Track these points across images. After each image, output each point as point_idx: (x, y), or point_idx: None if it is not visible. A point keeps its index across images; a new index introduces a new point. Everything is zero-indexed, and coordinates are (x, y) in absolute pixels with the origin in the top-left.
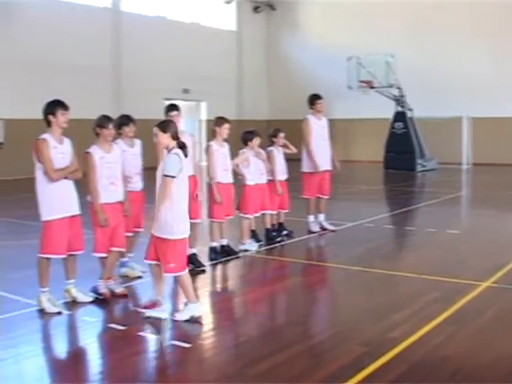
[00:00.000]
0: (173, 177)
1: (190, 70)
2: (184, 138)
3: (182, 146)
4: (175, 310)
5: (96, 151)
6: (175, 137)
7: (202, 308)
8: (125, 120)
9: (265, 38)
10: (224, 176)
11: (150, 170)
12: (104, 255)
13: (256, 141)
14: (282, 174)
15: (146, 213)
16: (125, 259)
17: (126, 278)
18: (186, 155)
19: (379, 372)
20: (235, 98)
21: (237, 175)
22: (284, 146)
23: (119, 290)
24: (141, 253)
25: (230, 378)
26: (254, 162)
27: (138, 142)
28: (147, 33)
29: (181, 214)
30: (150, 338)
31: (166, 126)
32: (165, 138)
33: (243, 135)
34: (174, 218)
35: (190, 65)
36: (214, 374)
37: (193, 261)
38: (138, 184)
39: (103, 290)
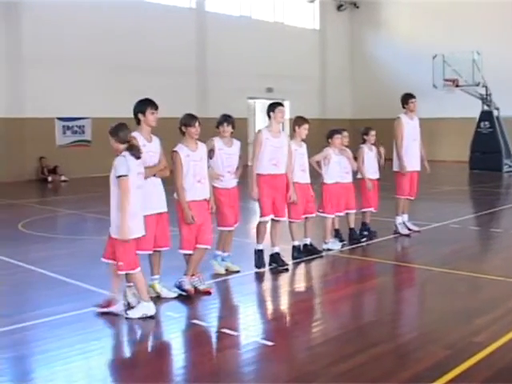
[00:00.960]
0: (125, 175)
1: (273, 69)
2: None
3: (132, 149)
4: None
5: (182, 149)
6: (123, 141)
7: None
8: (221, 119)
9: (348, 36)
10: (301, 176)
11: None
12: (190, 252)
13: (337, 139)
14: (372, 172)
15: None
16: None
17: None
18: (137, 157)
19: (463, 376)
20: (318, 96)
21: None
22: (378, 152)
23: (203, 286)
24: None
25: (313, 377)
26: (337, 161)
27: (236, 143)
28: (231, 32)
29: (130, 213)
30: (232, 335)
31: (113, 130)
32: (113, 143)
33: (327, 133)
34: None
35: (274, 64)
36: (297, 372)
37: (275, 259)
38: (230, 182)
39: (187, 286)
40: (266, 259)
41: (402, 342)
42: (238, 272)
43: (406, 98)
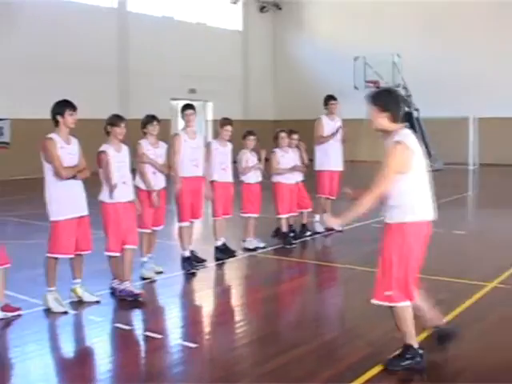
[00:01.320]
0: None
1: (196, 70)
2: (198, 139)
3: None
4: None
5: (109, 149)
6: None
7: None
8: (148, 119)
9: (271, 37)
10: (222, 175)
11: None
12: (116, 254)
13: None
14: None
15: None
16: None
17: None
18: None
19: (386, 372)
20: (241, 98)
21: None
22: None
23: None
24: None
25: (237, 377)
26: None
27: (162, 144)
28: (154, 33)
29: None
30: (156, 338)
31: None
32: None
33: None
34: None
35: (197, 65)
36: (220, 373)
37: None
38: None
39: (137, 290)
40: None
41: (325, 341)
42: (161, 273)
43: (327, 100)
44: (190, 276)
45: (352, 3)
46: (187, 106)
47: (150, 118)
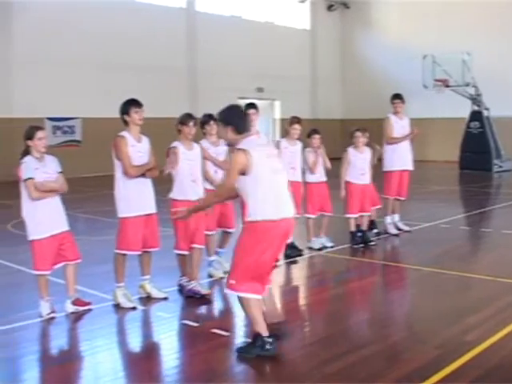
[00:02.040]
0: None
1: (264, 69)
2: (260, 139)
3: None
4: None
5: (179, 146)
6: None
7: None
8: (206, 119)
9: (339, 36)
10: (292, 174)
11: None
12: (185, 252)
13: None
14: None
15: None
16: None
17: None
18: None
19: (453, 375)
20: (309, 96)
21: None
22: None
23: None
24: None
25: (302, 377)
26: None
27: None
28: (222, 32)
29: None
30: (223, 335)
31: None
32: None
33: None
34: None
35: (264, 64)
36: (286, 372)
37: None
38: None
39: (204, 290)
40: None
41: (392, 343)
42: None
43: (391, 99)
44: None
45: (420, 2)
46: (250, 105)
47: (207, 118)
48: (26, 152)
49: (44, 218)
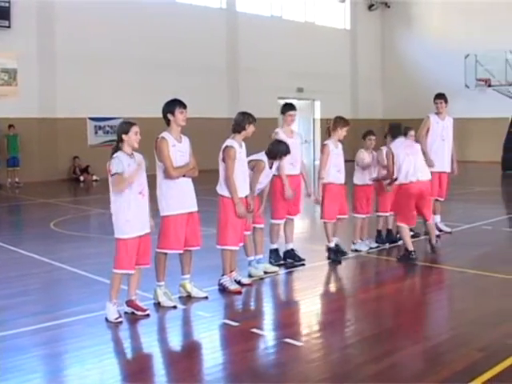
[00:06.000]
0: None
1: (304, 69)
2: (294, 138)
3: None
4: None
5: (234, 144)
6: None
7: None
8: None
9: (379, 35)
10: (337, 177)
11: None
12: (236, 248)
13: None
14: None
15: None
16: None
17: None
18: None
19: (497, 379)
20: (349, 96)
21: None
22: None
23: (246, 280)
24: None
25: (342, 378)
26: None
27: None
28: (262, 32)
29: None
30: (263, 335)
31: None
32: None
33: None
34: None
35: (305, 64)
36: (326, 373)
37: (291, 256)
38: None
39: (233, 286)
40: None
41: (434, 344)
42: (273, 273)
43: (434, 99)
44: (298, 274)
45: (461, 0)
46: (291, 107)
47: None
48: (117, 148)
49: (133, 217)
